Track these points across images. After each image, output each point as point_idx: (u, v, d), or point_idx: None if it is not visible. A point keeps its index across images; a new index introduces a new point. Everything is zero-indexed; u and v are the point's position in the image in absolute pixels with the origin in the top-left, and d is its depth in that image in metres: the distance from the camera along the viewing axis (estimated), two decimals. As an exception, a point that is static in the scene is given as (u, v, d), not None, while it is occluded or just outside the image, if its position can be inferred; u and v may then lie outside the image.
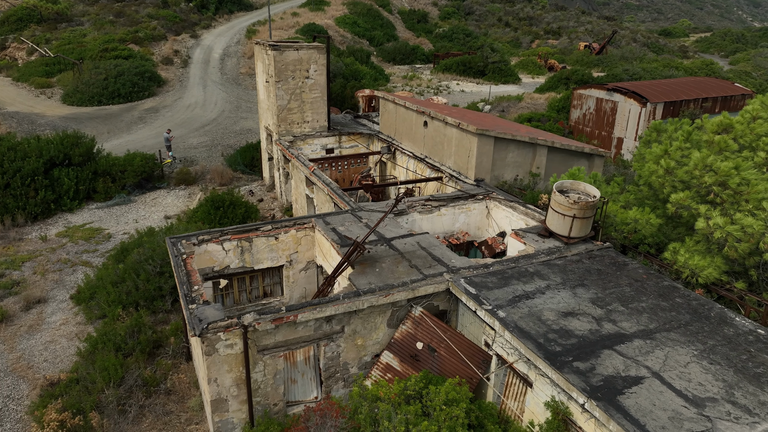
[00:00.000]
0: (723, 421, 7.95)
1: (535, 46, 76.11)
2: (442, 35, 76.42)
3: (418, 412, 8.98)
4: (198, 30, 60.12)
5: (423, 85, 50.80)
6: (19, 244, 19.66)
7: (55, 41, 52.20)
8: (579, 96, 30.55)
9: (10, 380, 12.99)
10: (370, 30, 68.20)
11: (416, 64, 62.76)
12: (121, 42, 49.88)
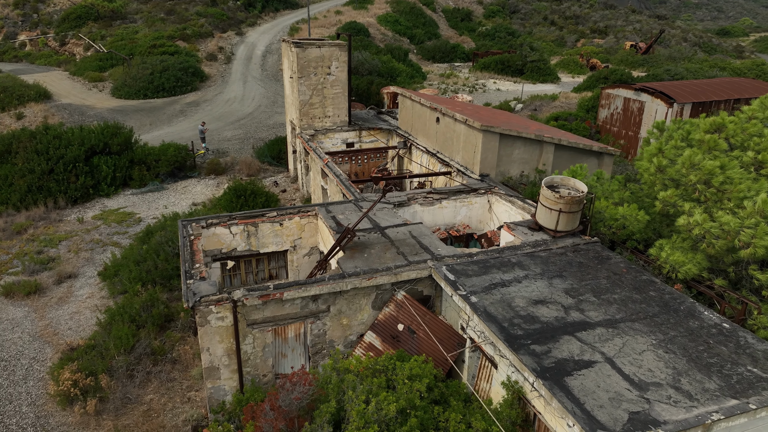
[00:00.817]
0: (661, 403, 8.30)
1: (580, 45, 74.84)
2: (484, 34, 76.16)
3: (382, 385, 9.67)
4: (243, 27, 62.21)
5: (459, 84, 51.06)
6: (58, 225, 21.39)
7: (110, 38, 55.23)
8: (607, 96, 30.32)
9: (38, 344, 14.41)
10: (411, 28, 68.77)
11: (455, 63, 62.93)
12: (170, 39, 52.31)
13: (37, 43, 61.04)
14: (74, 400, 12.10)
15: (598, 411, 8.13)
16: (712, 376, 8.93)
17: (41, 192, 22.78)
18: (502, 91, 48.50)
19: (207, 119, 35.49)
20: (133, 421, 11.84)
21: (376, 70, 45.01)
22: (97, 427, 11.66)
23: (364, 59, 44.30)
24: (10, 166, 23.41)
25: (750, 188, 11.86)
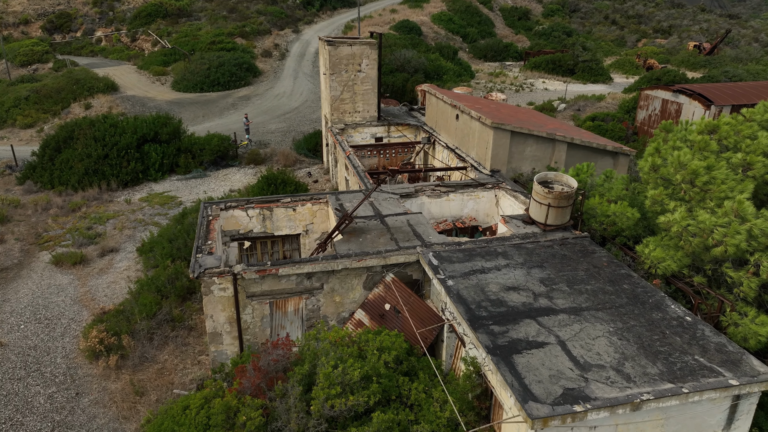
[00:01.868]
0: (598, 383, 8.87)
1: (641, 45, 72.59)
2: (540, 33, 75.18)
3: (353, 354, 10.66)
4: (300, 25, 64.38)
5: (507, 83, 51.03)
6: (108, 205, 23.59)
7: (175, 34, 58.64)
8: (645, 97, 29.91)
9: (77, 308, 16.29)
10: (465, 27, 68.92)
11: (507, 62, 62.68)
12: (229, 36, 55.02)
13: (111, 38, 65.54)
14: (99, 355, 13.77)
15: (535, 385, 8.80)
16: (657, 363, 9.38)
17: (96, 175, 25.12)
18: (550, 90, 48.12)
19: (255, 113, 37.46)
20: (147, 376, 13.37)
21: (422, 68, 45.75)
22: (116, 379, 13.25)
23: (410, 57, 45.13)
24: (71, 151, 25.90)
25: (734, 189, 12.01)
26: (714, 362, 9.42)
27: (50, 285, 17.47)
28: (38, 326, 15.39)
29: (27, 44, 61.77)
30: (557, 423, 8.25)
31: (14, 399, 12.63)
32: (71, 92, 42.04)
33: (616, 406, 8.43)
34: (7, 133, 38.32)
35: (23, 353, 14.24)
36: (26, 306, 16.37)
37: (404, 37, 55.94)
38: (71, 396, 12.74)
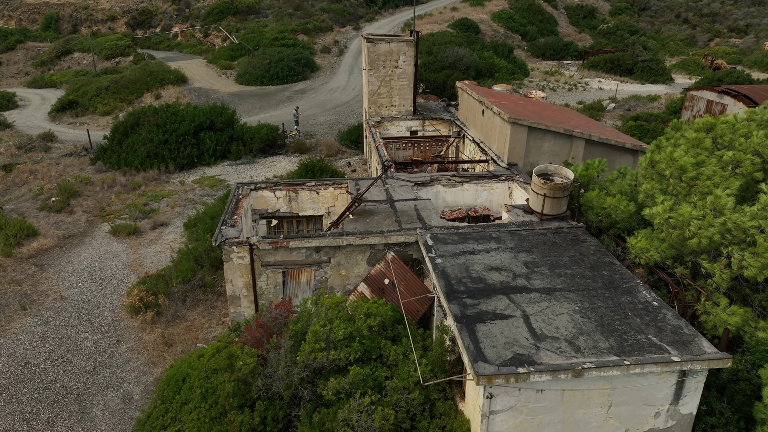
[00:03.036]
0: (548, 352, 9.78)
1: (713, 45, 69.53)
2: (605, 31, 73.52)
3: (343, 317, 12.02)
4: (362, 23, 66.24)
5: (561, 81, 50.70)
6: (164, 185, 26.09)
7: (243, 30, 61.96)
8: (691, 97, 29.44)
9: (126, 271, 18.56)
10: (525, 25, 68.53)
11: (565, 60, 61.93)
12: (292, 32, 57.62)
13: (186, 34, 69.95)
14: (139, 311, 15.84)
15: (489, 350, 9.83)
16: (610, 339, 10.16)
17: (156, 158, 27.73)
18: (604, 90, 47.46)
19: (308, 105, 39.48)
20: (176, 331, 15.28)
21: (474, 66, 46.36)
22: (151, 332, 15.25)
23: (462, 55, 45.83)
24: (136, 136, 28.68)
25: (719, 185, 12.41)
26: (665, 341, 10.09)
27: (107, 251, 19.89)
28: (93, 285, 17.72)
29: (112, 39, 67.03)
30: (501, 382, 9.26)
31: (67, 341, 14.86)
32: (145, 83, 45.69)
33: (557, 371, 9.33)
34: (88, 119, 42.29)
35: (78, 306, 16.54)
36: (85, 268, 18.80)
37: (460, 34, 56.54)
38: (112, 342, 14.83)
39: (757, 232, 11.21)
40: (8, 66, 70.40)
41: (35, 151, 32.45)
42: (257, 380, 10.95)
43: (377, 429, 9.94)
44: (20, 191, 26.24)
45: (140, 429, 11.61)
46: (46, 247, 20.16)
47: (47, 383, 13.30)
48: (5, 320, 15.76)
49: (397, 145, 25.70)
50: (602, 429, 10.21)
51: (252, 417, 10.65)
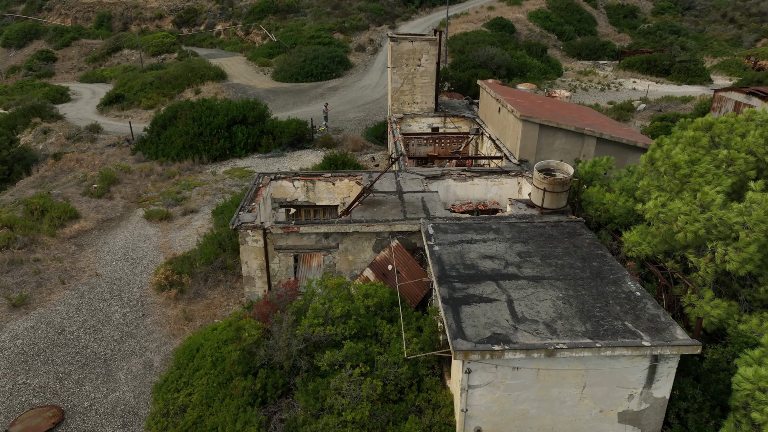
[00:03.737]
0: (525, 333, 10.44)
1: (760, 45, 67.39)
2: (645, 31, 72.16)
3: (343, 297, 12.93)
4: (398, 22, 67.05)
5: (594, 81, 50.35)
6: (197, 175, 27.59)
7: (282, 29, 63.67)
8: (719, 98, 29.16)
9: (156, 252, 19.97)
10: (562, 24, 68.00)
11: (602, 60, 61.23)
12: (329, 31, 58.94)
13: (228, 32, 72.26)
14: (164, 288, 17.15)
15: (470, 329, 10.56)
16: (587, 323, 10.74)
17: (191, 149, 29.30)
18: (638, 90, 46.93)
19: (338, 102, 40.60)
20: (197, 308, 16.52)
21: (506, 65, 46.59)
22: (174, 307, 16.52)
23: (493, 54, 46.14)
24: (173, 129, 30.33)
25: (711, 182, 12.75)
26: (640, 328, 10.60)
27: (140, 234, 21.40)
28: (125, 264, 19.19)
29: (158, 36, 69.88)
30: (477, 357, 9.98)
31: (99, 313, 16.28)
32: (186, 79, 47.76)
33: (531, 350, 10.00)
34: (132, 112, 44.56)
35: (111, 282, 18.00)
36: (120, 248, 20.32)
37: (494, 34, 56.71)
38: (139, 316, 16.18)
39: (741, 228, 11.55)
40: (63, 62, 74.25)
41: (82, 141, 34.60)
42: (260, 350, 11.97)
43: (365, 397, 10.81)
44: (67, 178, 28.19)
45: (157, 392, 12.81)
46: (86, 228, 21.81)
47: (79, 348, 14.69)
48: (46, 292, 17.32)
49: (418, 141, 26.47)
50: (577, 408, 10.80)
51: (254, 383, 11.68)
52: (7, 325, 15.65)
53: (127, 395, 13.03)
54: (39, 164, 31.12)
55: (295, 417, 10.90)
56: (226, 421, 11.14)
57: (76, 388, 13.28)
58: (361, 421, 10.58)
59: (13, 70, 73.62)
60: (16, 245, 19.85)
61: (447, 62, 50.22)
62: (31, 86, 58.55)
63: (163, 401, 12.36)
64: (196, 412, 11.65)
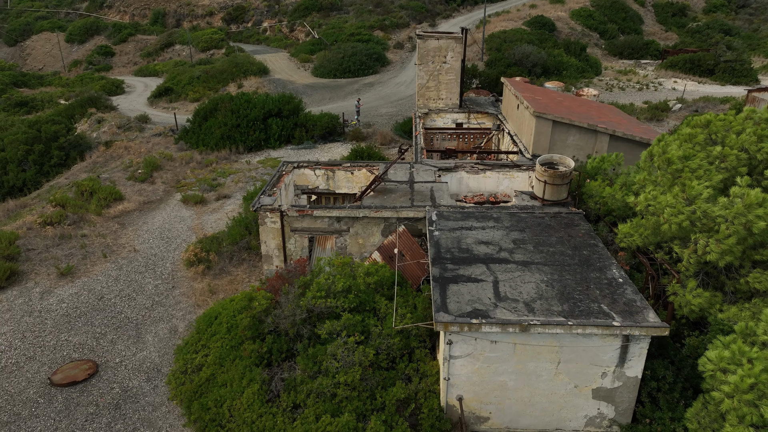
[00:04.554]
0: (504, 310, 11.30)
1: (817, 44, 64.67)
2: (694, 30, 70.31)
3: (346, 274, 14.06)
4: (438, 20, 67.69)
5: (633, 81, 49.78)
6: (233, 164, 29.29)
7: (324, 26, 65.34)
8: (752, 99, 28.81)
9: (189, 233, 21.63)
10: (605, 23, 67.08)
11: (644, 60, 60.20)
12: (369, 28, 60.18)
13: (274, 29, 74.55)
14: (192, 264, 18.72)
15: (453, 304, 11.50)
16: (564, 304, 11.50)
17: (229, 140, 31.05)
18: (677, 90, 46.17)
19: (372, 98, 41.77)
20: (221, 283, 17.99)
21: (542, 63, 46.71)
22: (200, 281, 18.05)
23: (529, 52, 46.32)
24: (213, 120, 32.18)
25: (702, 177, 13.21)
26: (614, 310, 11.30)
27: (176, 216, 23.14)
28: (161, 242, 20.91)
29: (208, 32, 72.79)
30: (456, 329, 10.92)
31: (134, 284, 17.97)
32: (231, 74, 49.93)
33: (506, 324, 10.86)
34: (179, 104, 47.01)
35: (147, 257, 19.72)
36: (157, 228, 22.09)
37: (533, 32, 56.65)
38: (169, 287, 17.78)
39: (723, 221, 12.03)
40: (120, 56, 78.30)
41: (131, 130, 37.00)
42: (269, 318, 13.24)
43: (357, 362, 11.91)
44: (115, 164, 30.42)
45: (179, 352, 14.29)
46: (128, 209, 23.73)
47: (115, 313, 16.37)
48: (90, 264, 19.17)
49: (442, 135, 27.36)
50: (553, 383, 11.60)
51: (261, 347, 12.96)
52: (55, 291, 17.51)
53: (152, 354, 14.55)
54: (92, 151, 33.56)
55: (294, 377, 12.10)
56: (234, 378, 12.46)
57: (110, 346, 14.91)
58: (352, 384, 11.69)
59: (75, 64, 78.16)
60: (66, 222, 21.88)
61: (483, 60, 50.67)
62: (90, 79, 62.23)
63: (183, 361, 13.82)
64: (209, 370, 13.02)
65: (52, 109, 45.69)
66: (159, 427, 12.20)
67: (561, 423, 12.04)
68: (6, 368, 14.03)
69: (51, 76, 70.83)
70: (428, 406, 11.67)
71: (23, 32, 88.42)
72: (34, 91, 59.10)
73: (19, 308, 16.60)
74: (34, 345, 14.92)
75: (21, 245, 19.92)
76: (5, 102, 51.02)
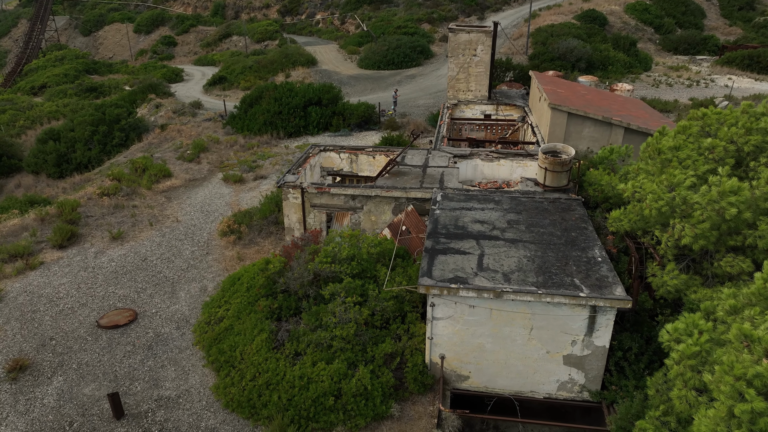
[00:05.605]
0: (483, 278, 12.50)
1: None
2: (761, 25, 67.51)
3: (353, 244, 15.57)
4: (487, 13, 67.95)
5: (684, 77, 48.83)
6: (272, 148, 31.35)
7: (374, 19, 66.86)
8: (791, 96, 28.31)
9: (226, 208, 23.71)
10: (662, 17, 65.45)
11: (700, 56, 58.55)
12: (417, 21, 61.28)
13: (326, 21, 76.71)
14: (225, 234, 20.72)
15: (438, 272, 12.79)
16: (540, 277, 12.60)
17: (271, 126, 33.14)
18: (730, 87, 45.05)
19: (412, 89, 43.02)
20: (249, 252, 19.90)
21: (586, 58, 46.61)
22: (231, 250, 20.01)
23: (573, 47, 46.31)
24: (258, 107, 34.36)
25: (689, 166, 13.92)
26: (585, 284, 12.32)
27: (216, 192, 25.32)
28: (201, 215, 23.08)
29: (263, 24, 75.74)
30: (436, 292, 12.23)
31: (173, 249, 20.13)
32: (280, 64, 52.29)
33: (481, 290, 12.09)
34: (231, 92, 49.74)
35: (187, 227, 21.90)
36: (199, 202, 24.30)
37: (582, 26, 56.19)
38: (203, 253, 19.84)
39: (699, 207, 12.77)
40: (182, 46, 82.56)
41: (185, 115, 39.78)
42: (281, 279, 14.95)
43: (353, 320, 13.43)
44: (168, 144, 33.07)
45: (205, 307, 16.24)
46: (175, 185, 26.10)
47: (155, 272, 18.54)
48: (138, 231, 21.51)
49: (470, 126, 28.40)
50: (527, 347, 12.74)
51: (273, 303, 14.68)
52: (106, 251, 19.89)
53: (183, 308, 16.56)
54: (148, 133, 36.47)
55: (297, 330, 13.75)
56: (248, 329, 14.24)
57: (149, 299, 17.03)
58: (347, 338, 13.22)
59: (141, 53, 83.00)
60: (120, 194, 24.41)
61: (527, 53, 50.91)
62: (153, 67, 66.26)
63: (208, 314, 15.75)
64: (228, 322, 14.87)
65: (117, 95, 49.39)
66: (183, 365, 14.13)
67: (535, 386, 13.17)
68: (63, 311, 16.37)
69: (119, 64, 75.66)
70: (413, 361, 13.07)
71: (97, 23, 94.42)
72: (103, 78, 63.55)
73: (76, 264, 19.04)
74: (87, 294, 17.24)
75: (81, 212, 22.53)
76: (77, 87, 55.36)
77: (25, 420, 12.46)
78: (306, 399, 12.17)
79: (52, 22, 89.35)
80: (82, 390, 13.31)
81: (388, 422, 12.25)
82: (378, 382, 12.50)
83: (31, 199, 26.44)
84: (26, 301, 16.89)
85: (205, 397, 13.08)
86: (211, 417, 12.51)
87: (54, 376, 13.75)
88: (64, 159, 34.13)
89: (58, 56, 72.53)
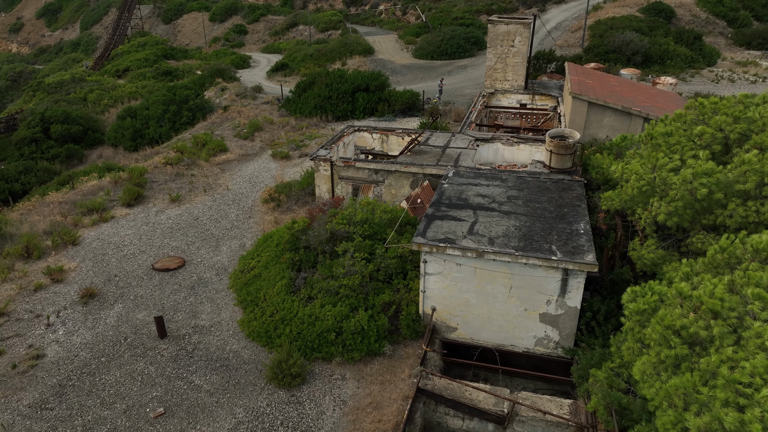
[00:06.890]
0: (470, 240, 14.23)
1: None
2: (844, 20, 63.63)
3: (369, 210, 17.61)
4: (549, 5, 67.67)
5: (749, 73, 47.46)
6: (320, 130, 33.82)
7: (434, 10, 68.15)
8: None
9: (272, 180, 26.34)
10: (735, 9, 63.02)
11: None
12: (476, 13, 62.13)
13: (388, 12, 78.65)
14: (266, 201, 23.30)
15: (431, 233, 14.62)
16: (521, 242, 14.18)
17: (320, 110, 35.61)
18: (791, 85, 43.58)
19: (460, 79, 44.35)
20: (285, 217, 22.33)
21: (643, 52, 46.26)
22: (270, 215, 22.54)
23: (630, 40, 46.06)
24: (310, 92, 36.91)
25: (677, 151, 15.00)
26: (561, 251, 13.80)
27: (264, 167, 28.03)
28: (249, 185, 25.82)
29: (328, 14, 78.60)
30: (427, 249, 14.07)
31: (221, 212, 22.92)
32: (339, 53, 54.80)
33: (465, 249, 13.83)
34: (291, 78, 52.72)
35: (236, 194, 24.67)
36: (248, 174, 27.08)
37: (645, 19, 55.28)
38: (246, 216, 22.49)
39: (675, 186, 13.92)
40: (252, 35, 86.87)
41: (246, 98, 43.00)
42: (303, 237, 17.22)
43: (359, 272, 15.50)
44: (228, 124, 36.24)
45: (241, 259, 18.80)
46: (230, 159, 29.03)
47: (203, 230, 21.34)
48: (194, 196, 24.47)
49: (506, 114, 29.71)
50: (507, 304, 14.38)
51: (295, 256, 16.98)
52: (166, 211, 22.91)
53: (224, 259, 19.21)
54: (212, 113, 39.86)
55: (312, 278, 15.98)
56: (272, 276, 16.62)
57: (196, 251, 19.80)
58: (352, 286, 15.32)
59: (214, 40, 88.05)
60: (182, 164, 27.55)
61: (583, 46, 50.92)
62: (224, 54, 70.55)
63: (243, 264, 18.29)
64: (258, 270, 17.32)
65: (189, 78, 53.53)
66: (218, 303, 16.71)
67: (515, 340, 14.80)
68: (126, 256, 19.41)
69: (194, 50, 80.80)
70: (408, 311, 15.00)
71: (176, 12, 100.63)
72: (178, 63, 68.44)
73: (140, 220, 22.15)
74: (146, 244, 20.23)
75: (148, 177, 25.77)
76: (155, 71, 60.20)
77: (92, 333, 15.40)
78: (312, 333, 14.39)
79: (138, 11, 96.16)
80: (136, 315, 16.14)
81: (380, 358, 14.28)
82: (374, 324, 14.53)
83: (108, 166, 30.16)
84: (98, 246, 20.06)
85: (233, 328, 15.57)
86: (236, 343, 14.97)
87: (115, 304, 16.68)
88: (139, 134, 38.06)
89: (140, 42, 78.45)
